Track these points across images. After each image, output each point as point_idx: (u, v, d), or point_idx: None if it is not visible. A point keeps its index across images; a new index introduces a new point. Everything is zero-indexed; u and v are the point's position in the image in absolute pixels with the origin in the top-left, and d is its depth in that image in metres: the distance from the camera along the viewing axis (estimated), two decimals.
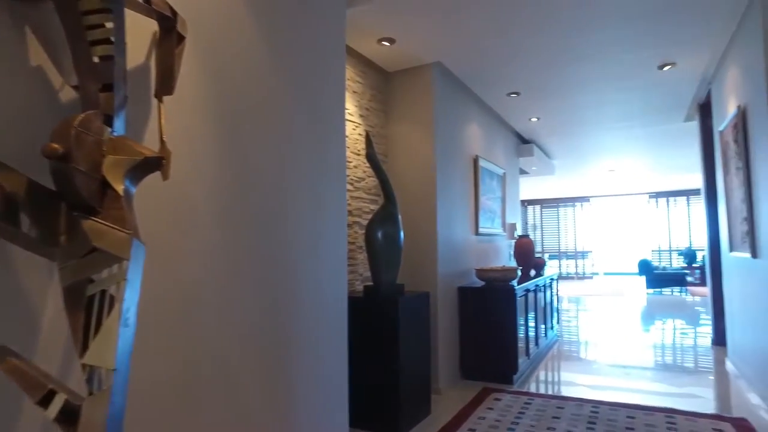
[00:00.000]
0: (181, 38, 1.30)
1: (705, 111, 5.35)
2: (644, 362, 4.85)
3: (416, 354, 3.15)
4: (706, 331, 6.36)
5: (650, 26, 3.40)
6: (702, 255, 12.84)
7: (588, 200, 14.95)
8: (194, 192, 1.48)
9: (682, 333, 6.54)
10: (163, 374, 1.36)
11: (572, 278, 14.85)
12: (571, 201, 15.13)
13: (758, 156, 3.15)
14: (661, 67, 4.20)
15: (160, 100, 1.28)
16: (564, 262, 15.31)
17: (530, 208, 15.76)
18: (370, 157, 3.15)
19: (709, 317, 5.50)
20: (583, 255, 15.07)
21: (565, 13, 3.18)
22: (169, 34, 1.27)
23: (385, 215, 3.17)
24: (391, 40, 3.52)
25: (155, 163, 1.01)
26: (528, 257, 5.60)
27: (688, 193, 13.80)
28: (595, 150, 7.74)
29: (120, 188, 0.92)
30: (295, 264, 1.88)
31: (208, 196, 1.53)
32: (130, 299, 0.87)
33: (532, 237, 15.54)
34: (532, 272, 5.81)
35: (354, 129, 3.68)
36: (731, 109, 3.74)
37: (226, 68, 1.63)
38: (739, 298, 3.91)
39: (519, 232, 6.14)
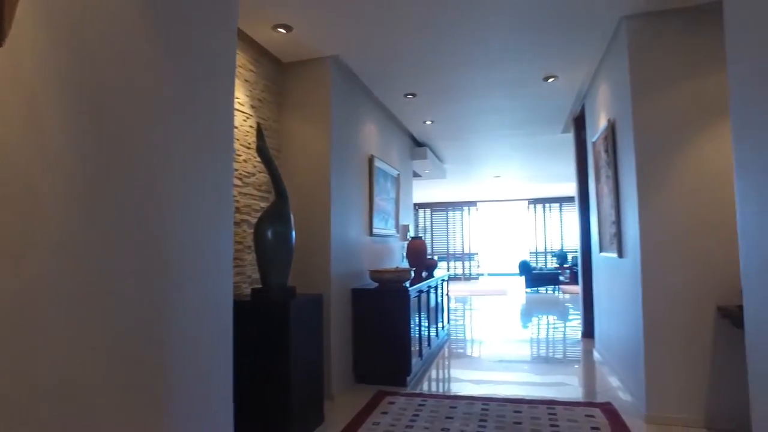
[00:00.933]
0: None
1: (579, 124, 5.83)
2: (524, 356, 5.14)
3: (308, 360, 2.99)
4: (577, 325, 6.94)
5: (538, 38, 3.58)
6: (572, 256, 14.15)
7: (475, 205, 15.79)
8: (38, 174, 1.19)
9: (557, 328, 7.08)
10: None
11: (460, 279, 15.56)
12: (459, 205, 15.86)
13: (624, 166, 3.44)
14: (546, 79, 4.48)
15: None
16: (452, 263, 15.99)
17: (421, 211, 16.26)
18: (261, 150, 2.93)
19: (579, 312, 6.00)
20: (470, 257, 15.88)
21: (457, 17, 3.24)
22: None
23: (276, 213, 2.97)
24: (288, 27, 3.33)
25: None
26: (421, 259, 5.68)
27: (561, 201, 15.15)
28: (483, 156, 8.14)
29: None
30: (172, 263, 1.63)
31: (60, 180, 1.25)
32: None
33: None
34: (424, 273, 5.91)
35: (245, 120, 3.43)
36: (602, 123, 4.08)
37: (86, 31, 1.34)
38: (606, 294, 4.27)
39: (412, 233, 6.22)
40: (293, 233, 3.06)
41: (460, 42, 3.63)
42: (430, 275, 5.73)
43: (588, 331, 5.68)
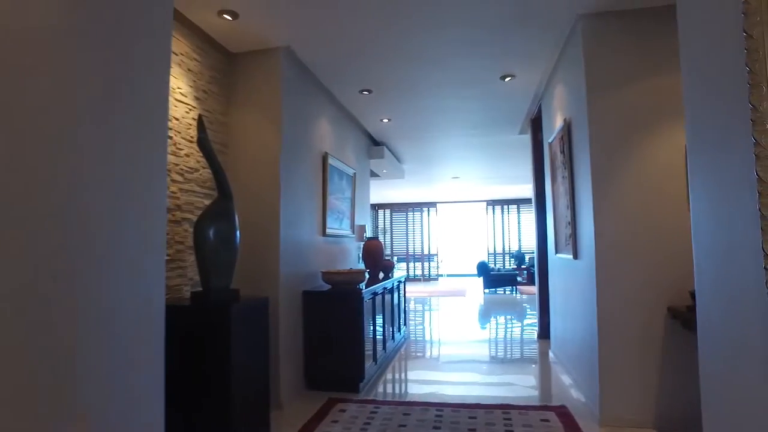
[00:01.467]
0: None
1: (536, 125, 5.85)
2: (481, 356, 5.09)
3: (252, 367, 2.80)
4: (534, 325, 6.97)
5: (497, 32, 3.52)
6: (530, 257, 14.37)
7: (435, 206, 15.82)
8: None
9: (514, 328, 7.10)
10: None
11: (420, 280, 15.55)
12: (419, 206, 15.86)
13: (580, 166, 3.42)
14: (503, 78, 4.44)
15: None
16: (412, 264, 15.96)
17: (381, 212, 16.16)
18: (201, 142, 2.72)
19: (536, 313, 6.02)
20: (430, 258, 15.90)
21: (414, 10, 3.13)
22: None
23: (219, 211, 2.77)
24: (233, 14, 3.13)
25: None
26: (377, 260, 5.55)
27: (519, 202, 15.38)
28: (441, 157, 8.10)
29: None
30: (92, 264, 1.43)
31: None
32: None
33: (382, 240, 15.95)
34: (381, 275, 5.78)
35: (187, 112, 3.20)
36: (558, 123, 4.07)
37: None
38: (562, 295, 4.26)
39: (369, 234, 6.08)
40: (238, 233, 2.86)
41: (417, 34, 3.52)
42: (387, 276, 5.61)
43: (544, 332, 5.69)
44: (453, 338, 6.24)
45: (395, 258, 15.94)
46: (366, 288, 4.13)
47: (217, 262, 2.72)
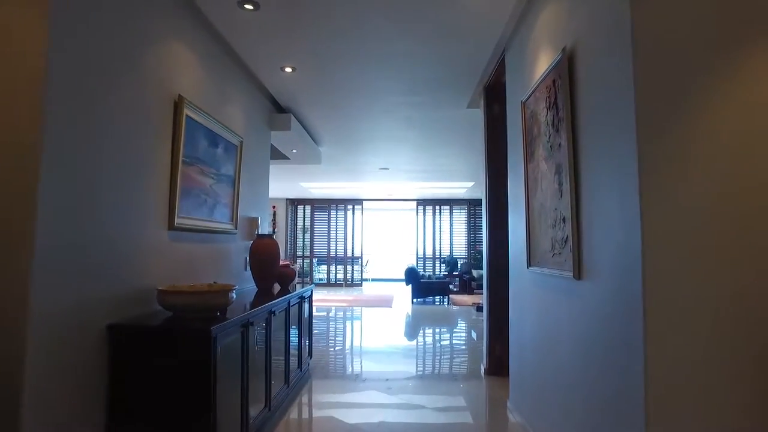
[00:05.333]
0: None
1: (492, 94, 4.44)
2: (408, 407, 3.54)
3: None
4: (478, 352, 5.57)
5: None
6: (462, 263, 13.19)
7: (361, 203, 14.26)
8: None
9: (450, 357, 5.66)
10: None
11: (341, 285, 13.92)
12: (343, 203, 14.23)
13: (598, 126, 1.98)
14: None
15: None
16: (333, 267, 14.29)
17: (300, 208, 14.36)
18: None
19: (483, 341, 4.60)
20: (354, 261, 14.31)
21: None
22: None
23: None
24: None
25: None
26: (268, 266, 3.88)
27: (452, 203, 14.19)
28: (367, 138, 6.51)
29: None
30: None
31: None
32: None
33: (301, 240, 14.16)
34: (276, 287, 4.11)
35: None
36: (543, 65, 2.62)
37: None
38: (538, 325, 2.83)
39: (262, 230, 4.39)
40: None
41: None
42: (285, 290, 3.95)
43: (495, 368, 4.27)
44: (374, 370, 4.69)
45: (315, 260, 14.20)
46: (234, 318, 2.46)
47: None
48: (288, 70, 3.98)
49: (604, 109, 1.91)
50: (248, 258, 3.98)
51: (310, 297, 4.56)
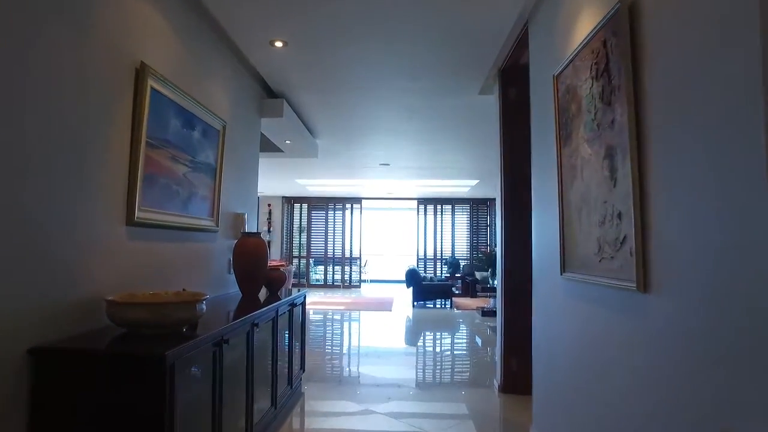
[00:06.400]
0: None
1: (508, 77, 3.97)
2: None
3: None
4: (487, 364, 5.09)
5: None
6: (464, 264, 12.71)
7: (360, 202, 13.76)
8: None
9: (457, 369, 5.17)
10: None
11: (339, 287, 13.42)
12: (341, 202, 13.73)
13: (672, 83, 1.50)
14: None
15: None
16: (331, 268, 13.79)
17: (297, 207, 13.85)
18: None
19: (496, 355, 4.12)
20: (352, 262, 13.81)
21: None
22: None
23: None
24: None
25: None
26: (255, 269, 3.38)
27: (454, 202, 13.71)
28: (367, 129, 6.01)
29: None
30: None
31: None
32: None
33: (297, 240, 13.65)
34: (264, 292, 3.62)
35: None
36: (588, 25, 2.13)
37: None
38: (583, 347, 2.34)
39: (249, 228, 3.89)
40: None
41: None
42: (276, 297, 3.47)
43: (511, 386, 3.79)
44: (373, 384, 4.20)
45: (312, 261, 13.70)
46: (202, 336, 1.96)
47: None
48: (278, 44, 3.47)
49: (696, 70, 1.41)
50: (231, 259, 3.49)
51: (303, 303, 4.07)
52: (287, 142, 5.48)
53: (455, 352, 6.03)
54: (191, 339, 1.92)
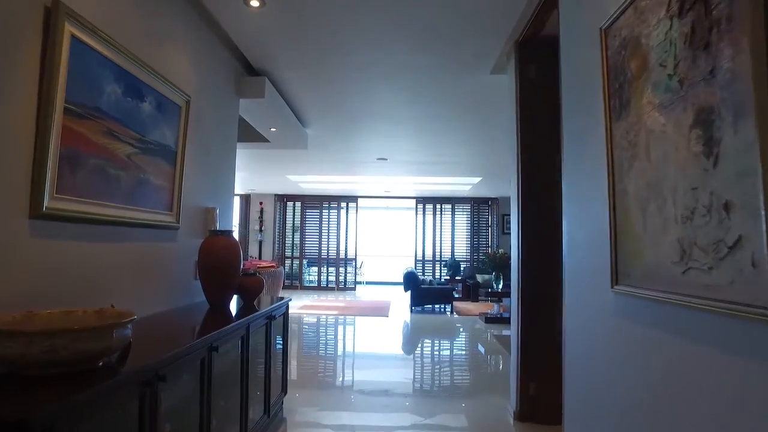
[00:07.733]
0: None
1: (526, 52, 3.40)
2: None
3: None
4: (495, 382, 4.51)
5: None
6: (464, 267, 12.14)
7: (355, 201, 13.16)
8: None
9: (465, 394, 4.59)
10: None
11: (333, 289, 12.82)
12: (336, 200, 13.13)
13: None
14: None
15: None
16: (325, 269, 13.17)
17: (290, 205, 13.24)
18: None
19: (513, 377, 3.53)
20: (347, 262, 13.20)
21: None
22: None
23: None
24: None
25: None
26: (223, 276, 2.79)
27: (454, 201, 13.13)
28: (363, 116, 5.40)
29: None
30: None
31: None
32: None
33: (290, 240, 13.04)
34: (237, 303, 3.03)
35: None
36: None
37: None
38: (650, 390, 1.77)
39: (223, 225, 3.30)
40: None
41: None
42: (250, 308, 2.88)
43: (529, 413, 3.21)
44: (367, 403, 3.61)
45: (305, 262, 13.09)
46: (116, 378, 1.38)
47: None
48: (254, 3, 2.87)
49: None
50: (196, 263, 2.89)
51: (286, 313, 3.47)
52: (272, 129, 4.88)
53: (461, 368, 5.44)
54: (104, 381, 1.33)
